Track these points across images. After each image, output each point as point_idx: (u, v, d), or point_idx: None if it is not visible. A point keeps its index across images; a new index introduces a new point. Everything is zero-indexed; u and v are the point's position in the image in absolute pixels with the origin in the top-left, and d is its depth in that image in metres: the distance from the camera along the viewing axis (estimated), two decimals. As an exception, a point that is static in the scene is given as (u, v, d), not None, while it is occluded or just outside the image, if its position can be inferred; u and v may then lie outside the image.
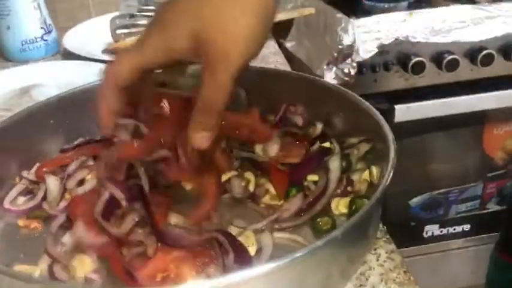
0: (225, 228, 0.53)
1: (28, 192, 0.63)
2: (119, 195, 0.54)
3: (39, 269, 0.51)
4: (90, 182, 0.62)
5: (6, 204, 0.62)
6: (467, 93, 1.31)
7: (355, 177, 0.59)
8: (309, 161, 0.62)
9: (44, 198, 0.62)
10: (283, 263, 0.41)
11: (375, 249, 0.54)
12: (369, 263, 0.52)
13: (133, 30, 1.12)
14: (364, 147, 0.62)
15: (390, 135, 0.55)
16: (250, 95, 0.72)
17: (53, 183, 0.62)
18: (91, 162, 0.66)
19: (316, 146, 0.64)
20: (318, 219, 0.55)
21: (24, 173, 0.65)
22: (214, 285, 0.40)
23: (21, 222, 0.60)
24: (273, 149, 0.63)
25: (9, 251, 0.55)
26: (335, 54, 1.15)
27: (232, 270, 0.47)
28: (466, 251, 1.61)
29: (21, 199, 0.63)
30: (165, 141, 0.58)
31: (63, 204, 0.60)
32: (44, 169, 0.65)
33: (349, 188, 0.59)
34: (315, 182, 0.60)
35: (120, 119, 0.58)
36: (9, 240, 0.57)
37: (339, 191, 0.59)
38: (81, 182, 0.63)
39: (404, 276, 0.51)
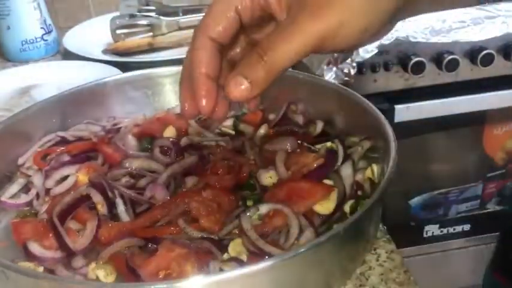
0: None
1: (28, 189, 0.63)
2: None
3: (41, 267, 0.51)
4: (69, 180, 0.62)
5: (3, 197, 0.62)
6: (467, 93, 1.31)
7: (359, 176, 0.59)
8: (321, 167, 0.61)
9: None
10: (285, 258, 0.41)
11: (375, 249, 0.54)
12: (368, 263, 0.52)
13: (133, 30, 1.12)
14: (366, 145, 0.62)
15: (391, 133, 0.55)
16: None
17: (38, 180, 0.63)
18: (67, 158, 0.66)
19: (322, 149, 0.64)
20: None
21: (23, 169, 0.66)
22: (215, 281, 0.40)
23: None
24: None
25: (12, 248, 0.55)
26: (335, 54, 1.15)
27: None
28: (466, 251, 1.61)
29: (19, 194, 0.63)
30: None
31: (45, 206, 0.60)
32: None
33: (359, 192, 0.58)
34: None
35: None
36: (12, 238, 0.57)
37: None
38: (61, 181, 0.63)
39: (404, 276, 0.51)
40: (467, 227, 1.58)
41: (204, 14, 0.46)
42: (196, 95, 0.45)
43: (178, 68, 0.77)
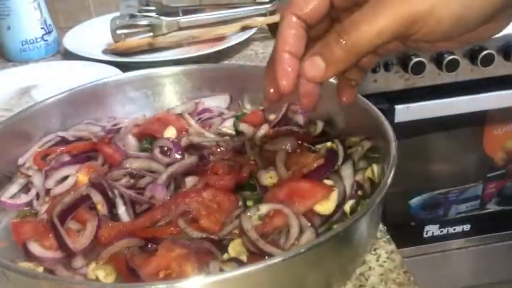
0: None
1: (28, 189, 0.63)
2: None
3: (41, 267, 0.51)
4: (69, 181, 0.62)
5: (3, 197, 0.62)
6: (467, 93, 1.31)
7: (359, 176, 0.59)
8: (321, 167, 0.61)
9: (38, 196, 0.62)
10: (285, 258, 0.41)
11: (375, 250, 0.54)
12: (368, 264, 0.52)
13: (133, 30, 1.12)
14: (366, 145, 0.62)
15: (391, 133, 0.55)
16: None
17: (38, 181, 0.63)
18: (67, 158, 0.66)
19: (322, 149, 0.64)
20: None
21: (23, 169, 0.66)
22: (215, 281, 0.40)
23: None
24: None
25: (12, 248, 0.55)
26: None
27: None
28: (466, 251, 1.61)
29: (19, 195, 0.63)
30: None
31: (45, 206, 0.60)
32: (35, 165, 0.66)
33: (359, 192, 0.58)
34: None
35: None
36: (12, 238, 0.57)
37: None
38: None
39: (404, 277, 0.51)
40: (467, 227, 1.58)
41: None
42: (277, 73, 0.44)
43: (178, 68, 0.78)
